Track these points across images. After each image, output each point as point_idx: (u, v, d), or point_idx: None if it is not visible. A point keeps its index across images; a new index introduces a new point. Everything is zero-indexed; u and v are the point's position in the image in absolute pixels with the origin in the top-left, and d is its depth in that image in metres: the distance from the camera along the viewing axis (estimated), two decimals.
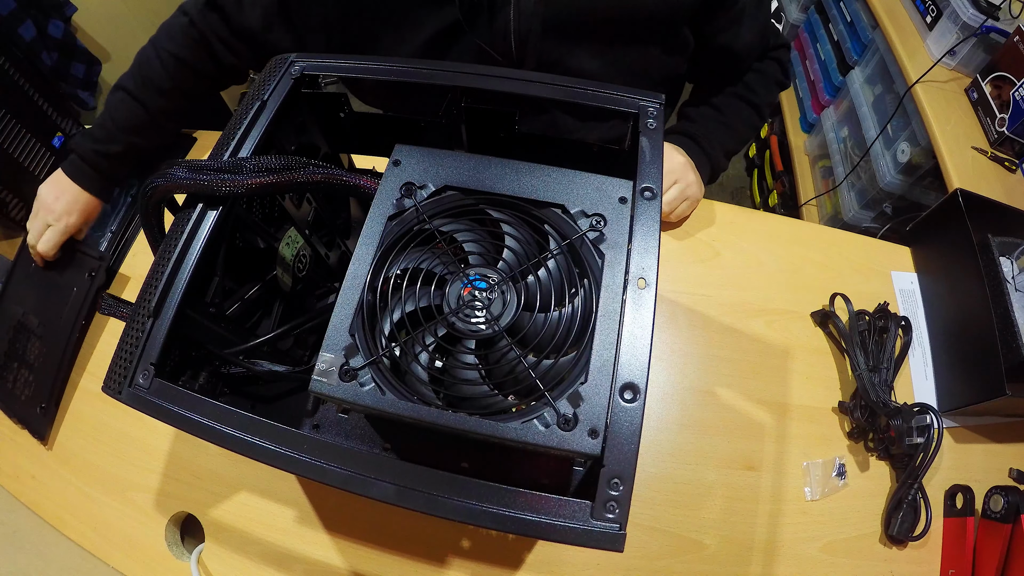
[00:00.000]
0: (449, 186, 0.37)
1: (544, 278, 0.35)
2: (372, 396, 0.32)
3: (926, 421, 0.55)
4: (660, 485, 0.57)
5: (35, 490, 0.61)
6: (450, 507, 0.28)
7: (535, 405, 0.31)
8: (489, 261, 0.36)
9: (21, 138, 0.75)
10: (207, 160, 0.38)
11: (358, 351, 0.33)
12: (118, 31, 1.30)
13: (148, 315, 0.34)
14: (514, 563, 0.54)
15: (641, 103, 0.39)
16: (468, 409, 0.32)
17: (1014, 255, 0.64)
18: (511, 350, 0.33)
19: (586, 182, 0.37)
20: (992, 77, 1.05)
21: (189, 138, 0.83)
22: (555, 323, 0.34)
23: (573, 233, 0.36)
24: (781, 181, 1.69)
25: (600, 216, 0.36)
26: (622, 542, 0.28)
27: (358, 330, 0.33)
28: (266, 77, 0.43)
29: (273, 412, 0.44)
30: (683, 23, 0.65)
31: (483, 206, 0.37)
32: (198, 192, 0.37)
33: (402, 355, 0.34)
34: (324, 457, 0.30)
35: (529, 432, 0.30)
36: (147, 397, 0.33)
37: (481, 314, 0.34)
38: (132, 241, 0.75)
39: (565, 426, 0.30)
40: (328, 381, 0.32)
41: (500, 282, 0.35)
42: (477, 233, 0.37)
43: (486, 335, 0.34)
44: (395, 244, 0.36)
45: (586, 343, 0.32)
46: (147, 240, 0.41)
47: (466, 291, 0.35)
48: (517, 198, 0.37)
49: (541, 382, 0.32)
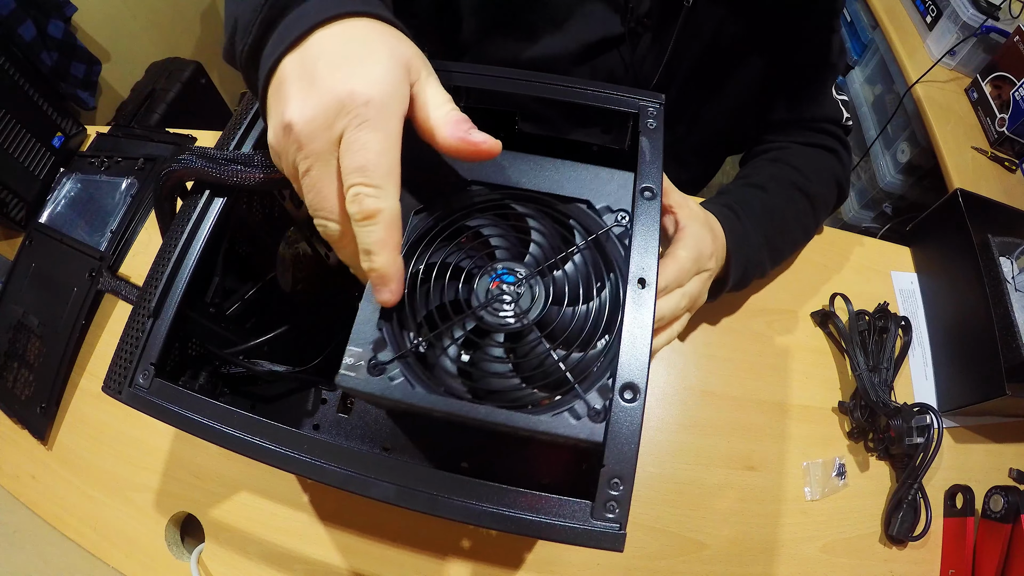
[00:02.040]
0: (475, 181, 0.38)
1: (571, 272, 0.36)
2: (402, 390, 0.32)
3: (926, 421, 0.55)
4: (660, 485, 0.57)
5: (35, 490, 0.61)
6: (451, 507, 0.28)
7: (565, 398, 0.32)
8: (515, 256, 0.36)
9: (21, 138, 0.75)
10: (225, 152, 0.38)
11: (386, 345, 0.33)
12: (118, 31, 1.31)
13: (148, 315, 0.34)
14: (514, 563, 0.54)
15: (641, 103, 0.39)
16: (496, 402, 0.32)
17: (1014, 255, 0.64)
18: (540, 343, 0.33)
19: (611, 178, 0.38)
20: (992, 77, 1.05)
21: (189, 139, 0.83)
22: (583, 317, 0.34)
23: (598, 228, 0.36)
24: None
25: (625, 211, 0.36)
26: (622, 542, 0.28)
27: (385, 324, 0.33)
28: None
29: (273, 412, 0.44)
30: None
31: (508, 201, 0.37)
32: (214, 182, 0.37)
33: (430, 349, 0.34)
34: (324, 457, 0.30)
35: (561, 424, 0.30)
36: (147, 397, 0.33)
37: (510, 308, 0.34)
38: (132, 241, 0.75)
39: (596, 418, 0.30)
40: (356, 375, 0.32)
41: (528, 276, 0.35)
42: (503, 228, 0.37)
43: (515, 329, 0.34)
44: (421, 239, 0.36)
45: (615, 336, 0.33)
46: (159, 229, 0.41)
47: (494, 285, 0.35)
48: (543, 193, 0.37)
49: (571, 375, 0.32)
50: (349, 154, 0.28)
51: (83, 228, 0.75)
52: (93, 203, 0.77)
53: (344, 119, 0.28)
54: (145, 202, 0.76)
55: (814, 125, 0.68)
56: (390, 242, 0.29)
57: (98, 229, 0.76)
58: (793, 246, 0.65)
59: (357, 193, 0.28)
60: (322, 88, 0.28)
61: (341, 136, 0.28)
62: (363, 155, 0.28)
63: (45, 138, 0.78)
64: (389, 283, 0.31)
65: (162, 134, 0.82)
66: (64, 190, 0.78)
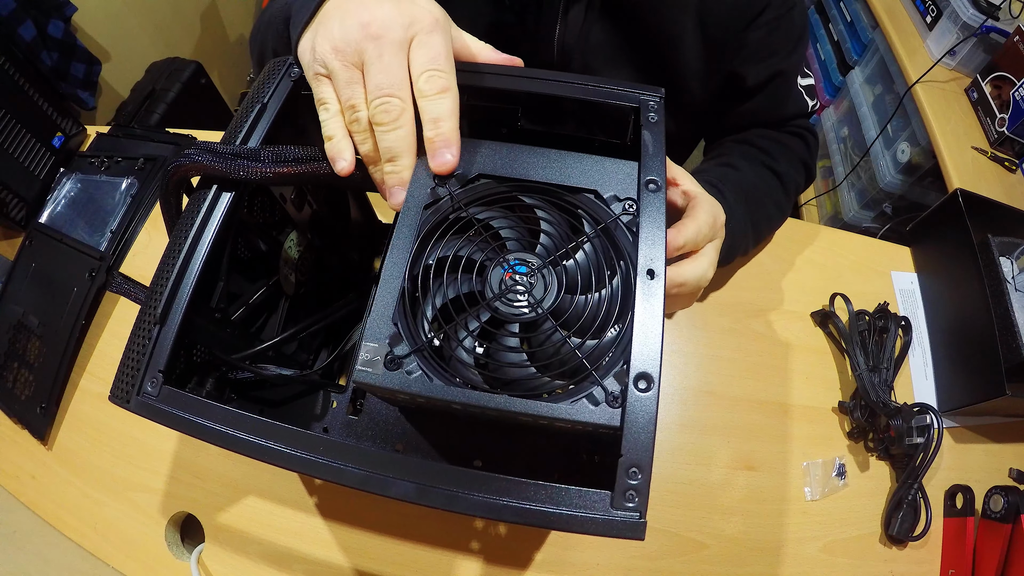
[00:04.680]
0: (483, 174, 0.38)
1: (582, 261, 0.36)
2: (421, 383, 0.32)
3: (926, 421, 0.55)
4: (660, 485, 0.57)
5: (35, 490, 0.61)
6: (470, 503, 0.28)
7: (582, 385, 0.32)
8: (525, 246, 0.37)
9: (21, 138, 0.75)
10: (231, 147, 0.38)
11: (402, 339, 0.33)
12: (118, 31, 1.31)
13: (154, 322, 0.34)
14: (517, 563, 0.54)
15: (642, 97, 0.39)
16: (513, 392, 0.32)
17: (1014, 255, 0.64)
18: (555, 332, 0.34)
19: (618, 168, 0.38)
20: (992, 77, 1.05)
21: (189, 139, 0.82)
22: (596, 304, 0.35)
23: (607, 217, 0.36)
24: None
25: (632, 200, 0.37)
26: (643, 530, 0.28)
27: (400, 318, 0.33)
28: (265, 79, 0.42)
29: (281, 416, 0.44)
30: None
31: (517, 193, 0.38)
32: (221, 177, 0.37)
33: (445, 341, 0.35)
34: (341, 458, 0.30)
35: (580, 411, 0.31)
36: (157, 405, 0.32)
37: (524, 298, 0.35)
38: (132, 241, 0.75)
39: (614, 403, 0.31)
40: (374, 371, 0.32)
41: (540, 266, 0.36)
42: (513, 219, 0.38)
43: (530, 318, 0.34)
44: (432, 232, 0.36)
45: (628, 322, 0.33)
46: (165, 226, 0.40)
47: (507, 276, 0.35)
48: (551, 184, 0.37)
49: (587, 362, 0.32)
50: (423, 49, 0.36)
51: (83, 228, 0.75)
52: (93, 203, 0.77)
53: (417, 25, 0.36)
54: (145, 202, 0.76)
55: (782, 126, 0.70)
56: (456, 112, 0.36)
57: (98, 229, 0.76)
58: (769, 223, 0.66)
59: (432, 75, 0.35)
60: (399, 2, 0.36)
61: (413, 38, 0.36)
62: (435, 50, 0.36)
63: (45, 138, 0.78)
64: (452, 146, 0.36)
65: (162, 134, 0.82)
66: (64, 190, 0.78)
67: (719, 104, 0.69)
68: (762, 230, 0.65)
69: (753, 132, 0.70)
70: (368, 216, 0.63)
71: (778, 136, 0.69)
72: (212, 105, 1.44)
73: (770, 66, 0.64)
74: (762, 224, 0.64)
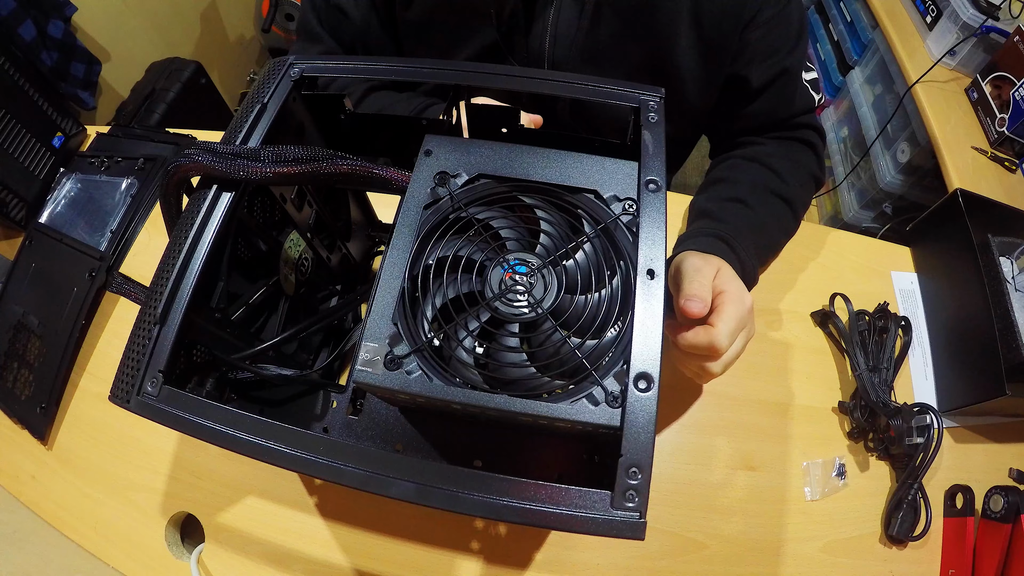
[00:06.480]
0: (483, 174, 0.38)
1: (582, 261, 0.36)
2: (421, 383, 0.32)
3: (926, 421, 0.55)
4: (660, 485, 0.57)
5: (35, 490, 0.61)
6: (471, 503, 0.28)
7: (582, 385, 0.32)
8: (525, 246, 0.37)
9: (21, 138, 0.75)
10: (232, 147, 0.38)
11: (401, 339, 0.33)
12: (118, 31, 1.31)
13: (154, 322, 0.34)
14: (517, 563, 0.54)
15: (642, 97, 0.39)
16: (513, 392, 0.32)
17: (1014, 255, 0.64)
18: (555, 332, 0.34)
19: (618, 168, 0.38)
20: (992, 77, 1.05)
21: (189, 139, 0.82)
22: (596, 304, 0.35)
23: (606, 217, 0.36)
24: None
25: (632, 200, 0.37)
26: (643, 530, 0.28)
27: (400, 318, 0.33)
28: (265, 79, 0.43)
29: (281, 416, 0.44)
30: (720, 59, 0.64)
31: (517, 193, 0.38)
32: (221, 177, 0.37)
33: (445, 341, 0.35)
34: (341, 458, 0.30)
35: (580, 411, 0.31)
36: (157, 405, 0.32)
37: (524, 298, 0.35)
38: (132, 241, 0.75)
39: (614, 403, 0.31)
40: (374, 371, 0.32)
41: (540, 266, 0.36)
42: (512, 219, 0.38)
43: (530, 318, 0.34)
44: (432, 232, 0.36)
45: (628, 322, 0.33)
46: (165, 226, 0.40)
47: (507, 276, 0.35)
48: (551, 184, 0.37)
49: (587, 362, 0.32)
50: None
51: (83, 228, 0.75)
52: (93, 203, 0.77)
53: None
54: (145, 202, 0.76)
55: (790, 122, 0.70)
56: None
57: (98, 229, 0.76)
58: (778, 251, 0.69)
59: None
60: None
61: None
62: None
63: (45, 138, 0.78)
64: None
65: (162, 134, 0.82)
66: (64, 190, 0.78)
67: (725, 108, 0.70)
68: (770, 259, 0.69)
69: (762, 147, 0.69)
70: (368, 216, 0.63)
71: (788, 151, 0.68)
72: (212, 105, 1.44)
73: (773, 65, 0.64)
74: (771, 256, 0.68)
